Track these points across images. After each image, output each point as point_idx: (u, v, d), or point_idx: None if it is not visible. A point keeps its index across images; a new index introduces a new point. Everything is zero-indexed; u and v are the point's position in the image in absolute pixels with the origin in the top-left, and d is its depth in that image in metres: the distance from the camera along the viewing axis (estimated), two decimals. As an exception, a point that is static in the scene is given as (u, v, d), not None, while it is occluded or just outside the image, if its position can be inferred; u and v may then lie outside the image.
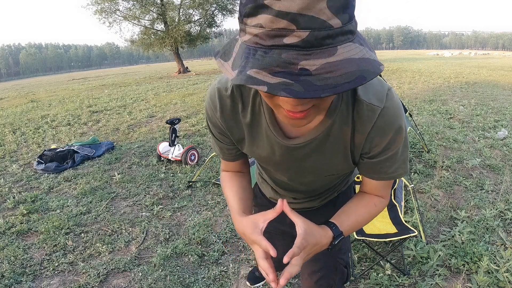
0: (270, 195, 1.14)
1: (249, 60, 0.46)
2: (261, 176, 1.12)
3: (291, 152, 0.76)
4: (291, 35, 0.43)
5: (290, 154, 0.77)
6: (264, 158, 0.83)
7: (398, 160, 0.74)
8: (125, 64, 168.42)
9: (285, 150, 0.75)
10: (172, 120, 4.03)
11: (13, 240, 2.63)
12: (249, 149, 0.82)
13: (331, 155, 0.76)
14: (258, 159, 0.86)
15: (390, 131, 0.68)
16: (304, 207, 1.10)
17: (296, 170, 0.85)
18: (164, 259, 2.26)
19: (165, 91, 12.19)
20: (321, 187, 0.98)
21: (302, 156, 0.77)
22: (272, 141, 0.75)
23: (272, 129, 0.72)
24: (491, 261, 2.01)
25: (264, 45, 0.45)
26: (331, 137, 0.72)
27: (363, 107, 0.67)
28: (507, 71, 14.23)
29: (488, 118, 5.56)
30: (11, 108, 10.83)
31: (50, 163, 4.23)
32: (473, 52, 51.82)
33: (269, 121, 0.72)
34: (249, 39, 0.47)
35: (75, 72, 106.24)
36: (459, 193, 3.03)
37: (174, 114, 7.38)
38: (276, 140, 0.74)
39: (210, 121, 0.81)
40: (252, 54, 0.46)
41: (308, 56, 0.43)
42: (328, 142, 0.73)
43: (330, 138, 0.72)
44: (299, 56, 0.43)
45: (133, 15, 21.43)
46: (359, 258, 2.16)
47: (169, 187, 3.48)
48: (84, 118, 7.62)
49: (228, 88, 0.73)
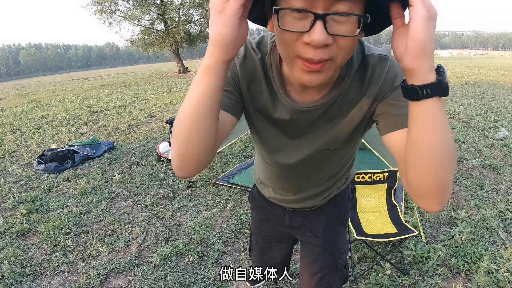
0: (270, 195, 1.12)
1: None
2: (260, 178, 1.12)
3: (299, 116, 0.75)
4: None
5: (297, 117, 0.76)
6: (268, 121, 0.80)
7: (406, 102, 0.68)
8: (125, 64, 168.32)
9: (293, 113, 0.75)
10: (172, 120, 4.04)
11: (13, 240, 2.63)
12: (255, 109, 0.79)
13: (339, 121, 0.76)
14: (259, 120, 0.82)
15: (398, 73, 0.69)
16: (305, 206, 1.09)
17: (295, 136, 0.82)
18: (164, 259, 2.26)
19: (165, 91, 12.19)
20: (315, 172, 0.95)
21: (307, 121, 0.77)
22: (284, 104, 0.74)
23: (283, 94, 0.73)
24: (491, 261, 2.01)
25: None
26: (341, 105, 0.73)
27: (375, 58, 0.70)
28: (507, 71, 14.24)
29: (488, 118, 5.56)
30: (11, 108, 10.83)
31: (50, 163, 4.22)
32: (472, 52, 51.72)
33: (280, 87, 0.73)
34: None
35: (75, 72, 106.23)
36: (459, 193, 3.03)
37: (174, 114, 7.38)
38: (287, 103, 0.73)
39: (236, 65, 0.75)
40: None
41: None
42: (336, 110, 0.74)
43: (340, 106, 0.73)
44: None
45: (133, 15, 21.42)
46: (359, 258, 2.16)
47: (169, 187, 3.48)
48: (84, 118, 7.62)
49: (253, 45, 0.74)
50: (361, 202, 2.19)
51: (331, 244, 1.13)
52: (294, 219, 1.14)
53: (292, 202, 1.09)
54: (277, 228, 1.21)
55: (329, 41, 0.51)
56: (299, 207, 1.10)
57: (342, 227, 1.18)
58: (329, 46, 0.52)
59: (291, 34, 0.53)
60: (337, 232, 1.16)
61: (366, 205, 2.19)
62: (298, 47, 0.54)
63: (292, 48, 0.55)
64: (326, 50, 0.53)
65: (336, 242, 1.14)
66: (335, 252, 1.13)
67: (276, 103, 0.76)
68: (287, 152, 0.87)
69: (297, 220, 1.13)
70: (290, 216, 1.14)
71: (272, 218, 1.19)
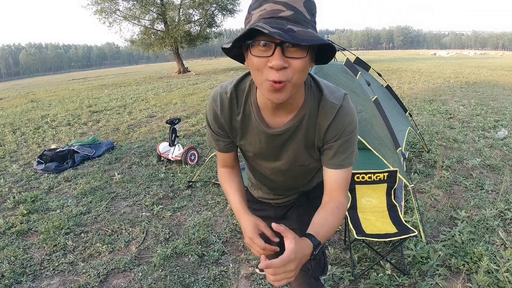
0: (258, 195, 1.33)
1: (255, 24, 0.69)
2: (250, 181, 1.33)
3: (273, 139, 0.97)
4: (283, 12, 0.71)
5: (272, 141, 0.97)
6: (252, 147, 1.03)
7: (347, 151, 0.94)
8: (125, 64, 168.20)
9: (268, 137, 0.96)
10: (172, 120, 4.03)
11: (13, 240, 2.63)
12: (241, 139, 1.03)
13: (302, 144, 0.97)
14: (246, 148, 1.05)
15: (344, 123, 0.91)
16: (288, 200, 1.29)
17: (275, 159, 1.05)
18: (164, 259, 2.26)
19: (165, 91, 12.19)
20: (295, 181, 1.17)
21: (280, 143, 0.98)
22: (259, 131, 0.97)
23: (259, 121, 0.95)
24: (491, 261, 2.01)
25: (266, 17, 0.71)
26: (303, 127, 0.94)
27: (327, 103, 0.90)
28: (507, 71, 14.24)
29: (488, 118, 5.56)
30: (11, 108, 10.84)
31: (50, 163, 4.23)
32: (472, 52, 51.65)
33: (257, 115, 0.94)
34: (254, 20, 0.73)
35: (75, 72, 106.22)
36: (459, 193, 3.03)
37: (174, 114, 7.38)
38: (262, 129, 0.95)
39: (211, 117, 1.01)
40: (256, 22, 0.71)
41: (293, 24, 0.70)
42: (300, 132, 0.95)
43: (302, 128, 0.94)
44: (288, 23, 0.69)
45: (133, 15, 21.44)
46: (359, 258, 2.16)
47: (169, 187, 3.48)
48: (84, 118, 7.62)
49: (227, 92, 0.96)
50: (361, 202, 2.19)
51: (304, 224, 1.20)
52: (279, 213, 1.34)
53: (277, 199, 1.29)
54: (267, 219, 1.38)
55: (285, 64, 0.72)
56: (282, 202, 1.30)
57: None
58: (286, 69, 0.72)
59: (260, 60, 0.73)
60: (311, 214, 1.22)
61: (366, 205, 2.19)
62: (266, 71, 0.73)
63: (261, 72, 0.75)
64: (284, 72, 0.72)
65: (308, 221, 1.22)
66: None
67: (253, 131, 0.97)
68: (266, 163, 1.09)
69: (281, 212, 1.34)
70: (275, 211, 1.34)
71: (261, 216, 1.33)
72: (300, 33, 0.68)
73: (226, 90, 0.96)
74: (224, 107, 0.97)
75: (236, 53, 0.83)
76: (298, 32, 0.68)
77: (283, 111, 0.91)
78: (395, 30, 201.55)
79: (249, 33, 0.71)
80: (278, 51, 0.70)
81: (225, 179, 1.18)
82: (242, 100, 0.96)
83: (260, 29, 0.66)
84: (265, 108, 0.92)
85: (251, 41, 0.73)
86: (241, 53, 0.82)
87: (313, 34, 0.70)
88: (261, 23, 0.68)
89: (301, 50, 0.72)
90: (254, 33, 0.71)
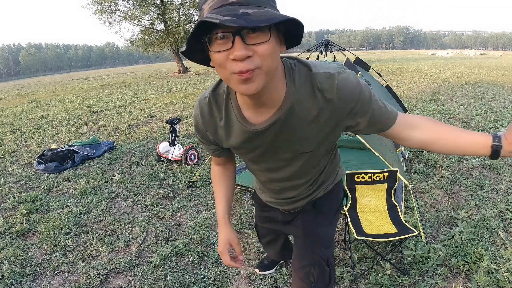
0: (266, 199, 1.28)
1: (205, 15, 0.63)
2: (257, 184, 1.29)
3: (261, 136, 0.89)
4: None
5: (260, 138, 0.90)
6: (240, 147, 0.96)
7: (382, 115, 0.85)
8: (125, 64, 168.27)
9: (254, 135, 0.89)
10: (172, 120, 4.03)
11: (13, 240, 2.63)
12: (226, 142, 0.97)
13: (301, 129, 0.88)
14: (236, 149, 0.99)
15: (356, 91, 0.81)
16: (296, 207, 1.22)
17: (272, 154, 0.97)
18: (164, 259, 2.26)
19: (165, 91, 12.19)
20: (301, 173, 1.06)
21: (272, 137, 0.89)
22: (243, 131, 0.89)
23: (242, 121, 0.88)
24: (491, 261, 2.01)
25: (216, 6, 0.64)
26: (295, 114, 0.84)
27: (321, 77, 0.81)
28: (507, 71, 14.24)
29: (488, 118, 5.56)
30: (11, 108, 10.84)
31: (50, 163, 4.23)
32: (472, 52, 51.62)
33: (238, 116, 0.88)
34: (205, 12, 0.66)
35: (75, 72, 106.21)
36: (459, 193, 3.03)
37: (174, 114, 7.38)
38: (246, 129, 0.88)
39: (195, 127, 1.00)
40: (207, 13, 0.64)
41: (246, 7, 0.62)
42: (294, 119, 0.85)
43: (295, 115, 0.84)
44: (241, 7, 0.62)
45: (133, 15, 21.43)
46: (359, 258, 2.16)
47: (169, 187, 3.48)
48: (84, 118, 7.62)
49: (205, 98, 0.92)
50: (361, 202, 2.19)
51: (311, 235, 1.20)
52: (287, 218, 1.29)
53: (284, 205, 1.22)
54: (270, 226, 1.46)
55: (249, 52, 0.64)
56: (289, 209, 1.23)
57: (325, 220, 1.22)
58: (251, 57, 0.64)
59: (221, 55, 0.66)
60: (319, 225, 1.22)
61: (366, 205, 2.19)
62: (230, 65, 0.66)
63: (225, 67, 0.67)
64: (249, 61, 0.64)
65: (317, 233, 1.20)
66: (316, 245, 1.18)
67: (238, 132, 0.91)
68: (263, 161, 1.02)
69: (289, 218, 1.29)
70: (283, 216, 1.29)
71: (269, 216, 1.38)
72: (256, 14, 0.61)
73: (204, 97, 0.92)
74: (204, 115, 0.93)
75: (202, 56, 0.74)
76: (253, 14, 0.60)
77: (264, 107, 0.83)
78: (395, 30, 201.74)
79: (204, 30, 0.64)
80: (238, 40, 0.63)
81: (216, 179, 1.17)
82: (222, 104, 0.90)
83: (209, 20, 0.59)
84: (245, 107, 0.86)
85: (206, 36, 0.66)
86: (206, 57, 0.73)
87: (272, 13, 0.63)
88: (210, 14, 0.62)
89: (263, 34, 0.64)
90: (209, 28, 0.64)
